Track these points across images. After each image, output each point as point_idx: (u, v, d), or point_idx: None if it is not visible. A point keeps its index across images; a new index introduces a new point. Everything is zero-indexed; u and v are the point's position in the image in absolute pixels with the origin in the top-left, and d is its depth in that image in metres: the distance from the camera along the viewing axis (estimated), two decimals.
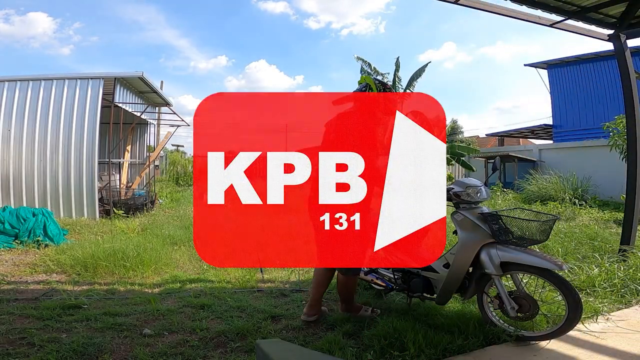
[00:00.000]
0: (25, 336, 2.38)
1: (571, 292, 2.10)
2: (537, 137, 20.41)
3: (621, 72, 3.93)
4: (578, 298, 2.09)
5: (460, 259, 2.37)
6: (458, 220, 2.45)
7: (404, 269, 2.72)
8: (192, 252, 4.88)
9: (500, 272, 2.27)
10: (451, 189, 2.50)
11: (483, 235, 2.33)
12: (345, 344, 2.29)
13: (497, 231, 2.30)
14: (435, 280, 2.54)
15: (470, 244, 2.35)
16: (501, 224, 2.31)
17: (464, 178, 2.63)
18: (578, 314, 2.08)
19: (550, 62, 15.87)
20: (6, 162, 6.80)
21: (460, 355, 2.14)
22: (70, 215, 6.87)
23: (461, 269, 2.37)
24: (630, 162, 3.90)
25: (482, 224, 2.35)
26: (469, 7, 3.67)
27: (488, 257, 2.28)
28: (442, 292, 2.48)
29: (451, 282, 2.42)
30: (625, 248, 3.73)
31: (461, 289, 2.47)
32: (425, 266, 2.58)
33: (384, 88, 2.64)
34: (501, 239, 2.28)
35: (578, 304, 2.07)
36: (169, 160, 15.12)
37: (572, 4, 3.73)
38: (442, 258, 2.52)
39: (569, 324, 2.11)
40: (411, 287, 2.65)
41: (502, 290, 2.27)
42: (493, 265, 2.26)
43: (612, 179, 8.91)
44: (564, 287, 2.13)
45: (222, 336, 2.44)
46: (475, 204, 2.45)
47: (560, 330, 2.16)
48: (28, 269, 4.19)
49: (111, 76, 7.47)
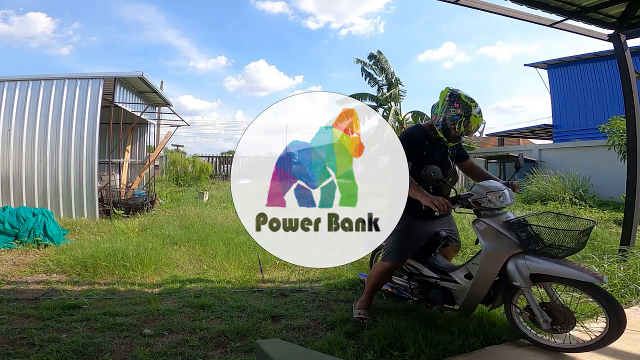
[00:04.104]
0: (25, 336, 2.38)
1: (613, 306, 1.91)
2: (537, 137, 20.40)
3: (621, 72, 3.92)
4: (621, 311, 1.90)
5: (485, 271, 2.18)
6: (481, 229, 2.23)
7: (420, 278, 2.58)
8: (192, 252, 4.88)
9: (530, 285, 2.08)
10: (469, 195, 2.27)
11: (510, 245, 2.12)
12: (346, 344, 2.29)
13: (526, 240, 2.08)
14: (457, 292, 2.36)
15: (496, 255, 2.14)
16: (530, 232, 2.09)
17: (483, 181, 2.39)
18: (621, 329, 1.90)
19: (550, 62, 15.86)
20: (6, 162, 6.79)
21: (460, 355, 2.14)
22: (70, 215, 6.87)
23: (486, 281, 2.19)
24: (630, 162, 3.90)
25: (508, 232, 2.13)
26: (469, 7, 3.67)
27: (516, 269, 2.08)
28: (465, 304, 2.30)
29: (476, 295, 2.24)
30: (625, 248, 3.73)
31: (486, 299, 2.29)
32: (444, 276, 2.43)
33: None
34: (530, 249, 2.07)
35: (621, 319, 1.89)
36: (169, 160, 15.08)
37: (572, 4, 3.73)
38: (463, 268, 2.35)
39: (610, 337, 1.94)
40: (430, 298, 2.49)
41: (532, 302, 2.10)
42: (522, 278, 2.06)
43: (612, 179, 8.90)
44: (605, 300, 1.94)
45: (222, 336, 2.44)
46: (499, 210, 2.22)
47: (599, 344, 1.98)
48: (28, 269, 4.19)
49: (111, 76, 7.46)
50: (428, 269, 2.54)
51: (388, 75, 15.13)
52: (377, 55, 15.14)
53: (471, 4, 3.66)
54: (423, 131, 2.50)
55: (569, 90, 15.35)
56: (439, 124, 2.36)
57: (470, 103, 2.26)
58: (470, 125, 2.27)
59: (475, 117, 2.25)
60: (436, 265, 2.54)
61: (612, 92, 13.48)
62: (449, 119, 2.30)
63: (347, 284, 3.51)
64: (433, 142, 2.46)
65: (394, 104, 15.02)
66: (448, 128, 2.32)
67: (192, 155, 17.49)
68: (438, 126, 2.38)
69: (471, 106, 2.25)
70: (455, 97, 2.29)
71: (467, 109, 2.24)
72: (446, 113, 2.30)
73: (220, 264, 4.43)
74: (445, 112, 2.31)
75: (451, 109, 2.28)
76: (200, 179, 14.42)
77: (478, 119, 2.27)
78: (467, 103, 2.26)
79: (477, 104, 2.27)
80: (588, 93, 14.63)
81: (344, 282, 3.56)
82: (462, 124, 2.26)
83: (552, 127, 16.23)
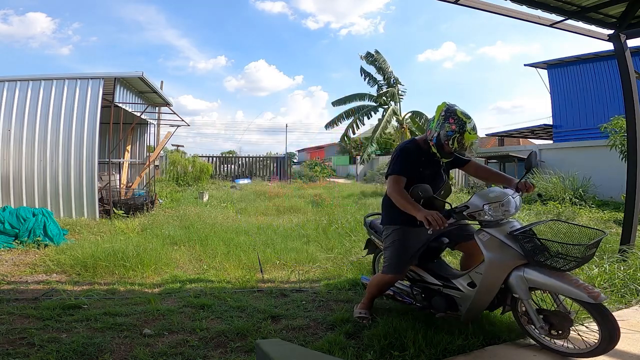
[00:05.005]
0: (25, 336, 2.39)
1: (606, 323, 1.89)
2: (537, 137, 20.39)
3: (621, 72, 3.92)
4: (613, 329, 1.87)
5: (489, 282, 2.13)
6: (484, 240, 2.15)
7: (423, 284, 2.55)
8: (192, 252, 4.88)
9: (528, 297, 2.07)
10: (465, 208, 2.18)
11: (514, 257, 2.06)
12: (346, 344, 2.29)
13: (531, 251, 2.02)
14: (460, 299, 2.33)
15: (500, 267, 2.09)
16: (536, 242, 2.03)
17: (485, 189, 2.31)
18: (612, 344, 1.90)
19: (550, 62, 15.85)
20: (6, 162, 6.79)
21: (460, 355, 2.14)
22: (70, 215, 6.86)
23: (490, 290, 2.15)
24: (630, 162, 3.90)
25: (512, 243, 2.06)
26: (469, 7, 3.67)
27: (517, 282, 2.05)
28: (469, 312, 2.28)
29: (480, 303, 2.22)
30: (625, 248, 3.73)
31: (491, 306, 2.28)
32: (447, 283, 2.40)
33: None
34: (535, 260, 2.01)
35: (613, 336, 1.88)
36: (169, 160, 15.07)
37: (572, 4, 3.73)
38: (466, 276, 2.30)
39: (601, 350, 1.94)
40: (433, 305, 2.46)
41: (530, 310, 2.09)
42: (522, 291, 2.05)
43: (612, 179, 8.90)
44: (600, 317, 1.90)
45: (222, 336, 2.44)
46: (502, 219, 2.15)
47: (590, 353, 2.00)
48: (28, 269, 4.19)
49: (111, 76, 7.46)
50: (430, 275, 2.52)
51: (386, 75, 15.12)
52: (374, 55, 15.12)
53: (471, 4, 3.66)
54: (418, 146, 2.49)
55: (569, 90, 15.34)
56: (433, 139, 2.36)
57: (465, 119, 2.25)
58: (463, 142, 2.26)
59: (469, 133, 2.24)
60: (439, 271, 2.51)
61: (612, 92, 13.47)
62: (443, 135, 2.30)
63: (347, 284, 3.51)
64: (427, 156, 2.45)
65: (394, 103, 15.00)
66: (442, 144, 2.32)
67: (192, 155, 17.51)
68: (432, 141, 2.37)
69: (466, 122, 2.24)
70: (451, 112, 2.29)
71: (461, 125, 2.24)
72: (441, 129, 2.30)
73: (220, 264, 4.43)
74: (440, 127, 2.31)
75: (446, 124, 2.27)
76: (200, 179, 14.42)
77: (472, 135, 2.26)
78: (462, 119, 2.25)
79: (472, 120, 2.27)
80: (588, 93, 14.62)
81: (344, 282, 3.56)
82: (455, 140, 2.26)
83: (552, 127, 16.22)
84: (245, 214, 8.40)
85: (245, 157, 20.51)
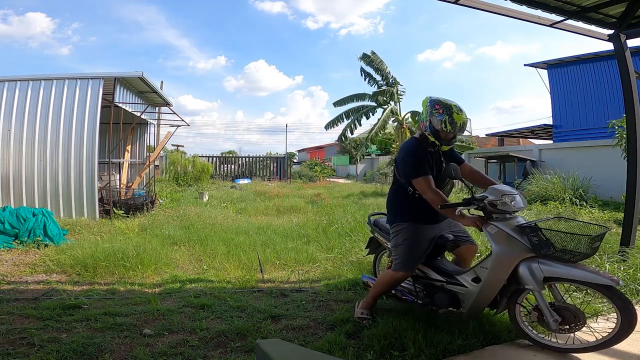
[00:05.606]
0: (25, 336, 2.39)
1: (628, 308, 1.93)
2: (537, 137, 20.39)
3: (621, 72, 3.92)
4: (634, 314, 1.92)
5: (495, 275, 2.17)
6: (492, 232, 2.21)
7: (426, 281, 2.57)
8: (192, 252, 4.88)
9: (542, 288, 2.08)
10: (484, 197, 2.25)
11: (521, 250, 2.12)
12: (346, 344, 2.29)
13: (537, 244, 2.08)
14: (463, 295, 2.35)
15: (507, 259, 2.14)
16: (542, 236, 2.08)
17: (497, 185, 2.38)
18: (630, 330, 1.93)
19: (550, 62, 15.85)
20: (6, 162, 6.79)
21: (460, 355, 2.14)
22: (70, 215, 6.86)
23: (495, 285, 2.19)
24: (630, 162, 3.90)
25: (519, 236, 2.13)
26: (469, 7, 3.67)
27: (529, 273, 2.07)
28: (472, 308, 2.29)
29: (483, 298, 2.24)
30: (625, 249, 3.73)
31: (492, 303, 2.29)
32: (450, 279, 2.43)
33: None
34: (542, 253, 2.07)
35: (632, 320, 1.91)
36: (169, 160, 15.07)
37: (572, 4, 3.73)
38: (471, 271, 2.34)
39: (618, 337, 1.97)
40: (435, 302, 2.47)
41: (543, 303, 2.10)
42: (535, 282, 2.06)
43: (612, 179, 8.89)
44: (620, 301, 1.95)
45: (222, 336, 2.44)
46: (511, 214, 2.23)
47: (605, 344, 2.01)
48: (28, 269, 4.19)
49: (111, 76, 7.46)
50: (434, 272, 2.53)
51: (384, 75, 15.10)
52: (370, 56, 15.11)
53: (471, 4, 3.66)
54: (420, 142, 2.53)
55: (569, 90, 15.33)
56: (427, 129, 2.44)
57: (450, 103, 2.38)
58: (455, 123, 2.35)
59: (457, 114, 2.35)
60: (443, 268, 2.53)
61: (612, 92, 13.47)
62: (435, 122, 2.39)
63: (347, 284, 3.50)
64: (430, 152, 2.50)
65: (393, 103, 14.99)
66: (437, 130, 2.40)
67: (192, 155, 17.51)
68: (427, 131, 2.44)
69: (451, 105, 2.37)
70: (436, 100, 2.43)
71: (448, 108, 2.36)
72: (431, 116, 2.41)
73: (220, 264, 4.43)
74: (430, 115, 2.42)
75: (433, 111, 2.40)
76: (200, 179, 14.42)
77: (461, 115, 2.36)
78: (447, 103, 2.38)
79: (457, 103, 2.40)
80: (588, 93, 14.61)
81: (344, 282, 3.56)
82: (447, 122, 2.35)
83: (552, 127, 16.22)
84: (245, 214, 8.40)
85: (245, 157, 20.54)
